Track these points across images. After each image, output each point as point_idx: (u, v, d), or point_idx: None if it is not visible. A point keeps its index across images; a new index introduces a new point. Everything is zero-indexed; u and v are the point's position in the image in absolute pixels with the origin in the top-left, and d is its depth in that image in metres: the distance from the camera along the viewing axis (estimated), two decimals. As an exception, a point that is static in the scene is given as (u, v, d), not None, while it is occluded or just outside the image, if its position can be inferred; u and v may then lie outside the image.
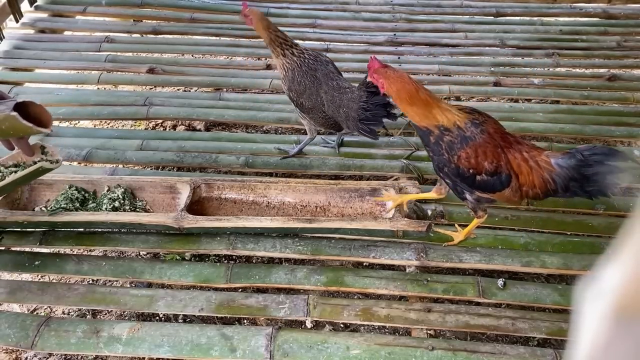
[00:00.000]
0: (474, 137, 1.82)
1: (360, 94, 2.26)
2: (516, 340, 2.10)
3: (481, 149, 1.82)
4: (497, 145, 1.84)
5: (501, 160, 1.84)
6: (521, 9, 4.46)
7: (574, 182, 1.83)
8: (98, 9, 4.20)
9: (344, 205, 2.34)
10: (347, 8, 4.43)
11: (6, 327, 1.84)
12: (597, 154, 1.80)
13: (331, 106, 2.36)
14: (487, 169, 1.83)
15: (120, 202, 2.27)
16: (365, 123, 2.29)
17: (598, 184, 1.81)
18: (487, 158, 1.83)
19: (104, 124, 3.39)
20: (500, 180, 1.85)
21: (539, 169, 1.85)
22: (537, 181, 1.85)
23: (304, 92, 2.38)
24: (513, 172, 1.85)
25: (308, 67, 2.36)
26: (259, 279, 2.05)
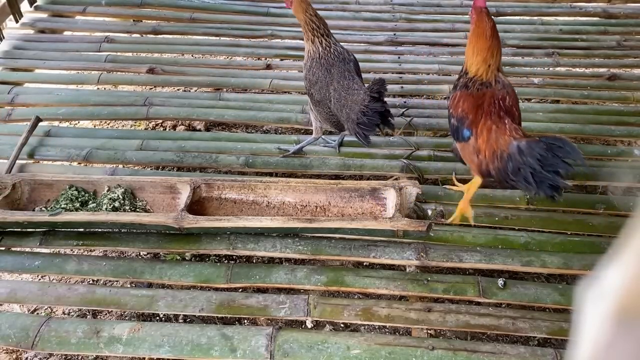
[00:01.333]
0: (469, 88, 2.07)
1: (364, 97, 2.21)
2: (516, 340, 2.10)
3: (464, 97, 2.07)
4: (479, 105, 2.03)
5: (470, 114, 2.03)
6: (521, 9, 4.46)
7: (529, 168, 1.83)
8: (98, 9, 4.19)
9: (344, 205, 2.33)
10: (347, 8, 4.42)
11: (7, 327, 1.84)
12: (561, 147, 1.79)
13: (337, 104, 2.35)
14: (456, 115, 2.09)
15: (120, 202, 2.27)
16: (361, 127, 2.24)
17: (550, 176, 1.81)
18: (462, 106, 2.07)
19: (104, 124, 3.39)
20: (462, 131, 2.07)
21: (494, 143, 1.95)
22: (488, 153, 1.98)
23: (315, 83, 2.39)
24: (475, 133, 2.02)
25: (326, 61, 2.37)
26: (259, 279, 2.05)
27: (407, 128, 2.96)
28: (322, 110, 2.46)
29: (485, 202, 2.43)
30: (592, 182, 2.61)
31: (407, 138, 2.87)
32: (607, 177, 2.61)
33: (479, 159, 2.02)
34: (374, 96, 2.18)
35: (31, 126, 2.72)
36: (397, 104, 3.17)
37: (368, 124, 2.21)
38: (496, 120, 1.98)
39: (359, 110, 2.21)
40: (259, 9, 4.28)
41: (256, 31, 3.99)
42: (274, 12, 4.27)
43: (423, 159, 2.69)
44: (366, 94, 2.21)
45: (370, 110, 2.19)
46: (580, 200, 2.49)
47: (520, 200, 2.43)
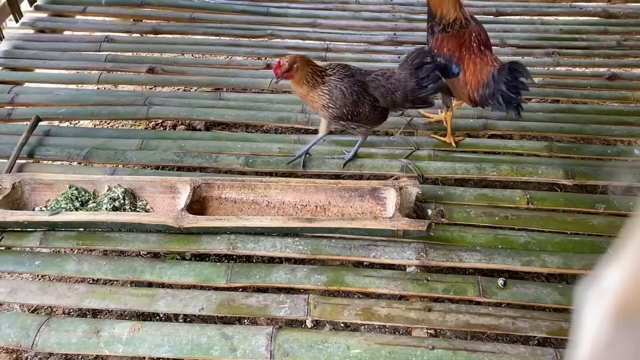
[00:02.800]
0: (448, 31, 2.38)
1: (406, 72, 2.37)
2: (516, 340, 2.10)
3: (447, 38, 2.36)
4: (462, 43, 2.34)
5: (456, 52, 2.35)
6: (521, 8, 4.46)
7: (499, 91, 2.24)
8: (98, 9, 4.19)
9: (344, 204, 2.34)
10: (347, 7, 4.42)
11: (7, 326, 1.84)
12: (518, 70, 2.21)
13: (387, 97, 2.39)
14: (443, 55, 2.37)
15: (120, 202, 2.27)
16: (421, 96, 2.40)
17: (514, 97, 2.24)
18: (447, 45, 2.37)
19: (104, 124, 3.39)
20: (451, 68, 2.38)
21: (479, 74, 2.33)
22: (474, 83, 2.33)
23: (358, 99, 2.34)
24: (463, 68, 2.35)
25: (346, 76, 2.34)
26: (259, 278, 2.05)
27: (407, 127, 2.96)
28: (371, 116, 2.42)
29: (486, 201, 2.43)
30: (592, 182, 2.61)
31: (407, 138, 2.87)
32: (607, 176, 2.61)
33: (467, 89, 2.36)
34: (420, 65, 2.35)
35: (31, 126, 2.72)
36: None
37: (426, 89, 2.38)
38: (479, 54, 2.33)
39: (414, 84, 2.36)
40: (259, 9, 4.28)
41: (256, 31, 3.99)
42: (274, 11, 4.27)
43: (423, 159, 2.69)
44: (406, 68, 2.37)
45: (425, 75, 2.35)
46: (580, 199, 2.49)
47: (520, 200, 2.43)
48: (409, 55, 2.39)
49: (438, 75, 2.38)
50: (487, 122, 2.99)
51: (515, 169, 2.62)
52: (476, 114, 3.07)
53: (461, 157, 2.72)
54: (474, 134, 2.99)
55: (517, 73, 2.21)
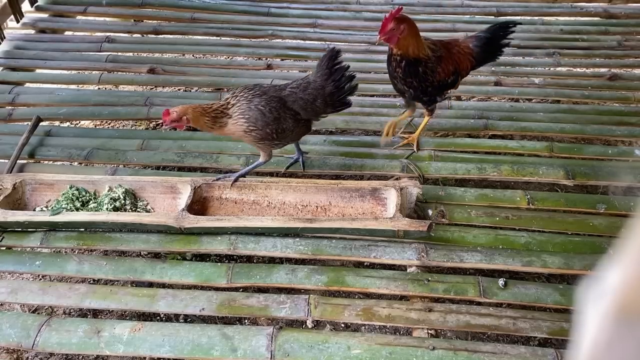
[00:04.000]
0: (440, 53, 2.41)
1: (321, 78, 2.27)
2: (517, 340, 2.10)
3: (445, 59, 2.43)
4: (449, 53, 2.45)
5: (454, 59, 2.47)
6: (522, 9, 4.46)
7: (486, 50, 2.54)
8: (99, 9, 4.20)
9: (344, 205, 2.34)
10: (348, 8, 4.43)
11: (7, 326, 1.85)
12: (494, 30, 2.53)
13: (307, 108, 2.28)
14: (452, 71, 2.47)
15: (121, 202, 2.28)
16: (340, 98, 2.33)
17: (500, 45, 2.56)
18: (450, 64, 2.45)
19: (104, 124, 3.40)
20: (456, 77, 2.51)
21: (465, 56, 2.51)
22: (467, 65, 2.53)
23: (279, 116, 2.21)
24: (458, 67, 2.49)
25: (256, 96, 2.21)
26: (259, 278, 2.05)
27: (408, 128, 2.95)
28: (296, 130, 2.32)
29: (486, 202, 2.43)
30: (593, 182, 2.61)
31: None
32: (608, 177, 2.61)
33: (462, 75, 2.56)
34: (335, 69, 2.27)
35: (32, 126, 2.73)
36: (398, 104, 3.17)
37: (344, 91, 2.31)
38: (454, 47, 2.50)
39: (332, 88, 2.27)
40: (260, 9, 4.28)
41: (257, 31, 3.99)
42: (274, 12, 4.27)
43: (424, 159, 2.69)
44: (321, 74, 2.28)
45: (340, 79, 2.28)
46: (581, 200, 2.49)
47: (521, 200, 2.43)
48: (322, 60, 2.27)
49: (352, 75, 2.31)
50: (488, 122, 2.99)
51: (516, 169, 2.62)
52: (477, 114, 3.07)
53: (462, 158, 2.72)
54: (474, 134, 2.99)
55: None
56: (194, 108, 2.14)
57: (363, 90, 3.34)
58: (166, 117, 2.12)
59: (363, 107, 3.15)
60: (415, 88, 2.42)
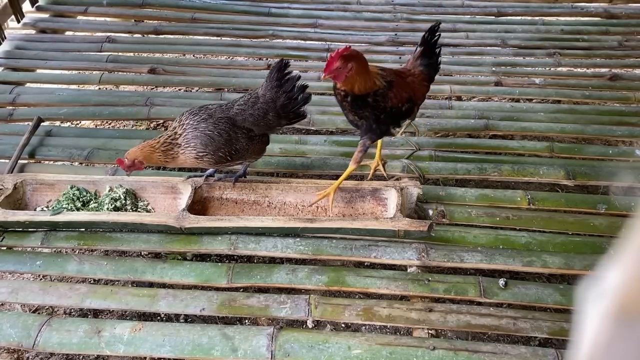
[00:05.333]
0: (391, 79, 2.16)
1: (271, 91, 2.20)
2: (517, 340, 2.10)
3: (397, 85, 2.17)
4: (403, 80, 2.23)
5: (408, 86, 2.24)
6: (522, 9, 4.46)
7: (432, 65, 2.35)
8: (99, 9, 4.20)
9: (345, 205, 2.33)
10: (348, 8, 4.43)
11: (8, 326, 1.85)
12: (428, 37, 2.32)
13: (260, 123, 2.21)
14: (406, 97, 2.21)
15: (122, 202, 2.28)
16: (293, 110, 2.25)
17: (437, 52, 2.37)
18: (404, 91, 2.20)
19: (105, 124, 3.40)
20: (411, 105, 2.25)
21: (420, 83, 2.30)
22: (424, 91, 2.32)
23: (229, 137, 2.14)
24: (413, 94, 2.27)
25: (202, 121, 2.14)
26: (260, 278, 2.05)
27: (408, 128, 2.96)
28: (251, 148, 2.25)
29: (487, 202, 2.43)
30: (594, 182, 2.61)
31: (409, 138, 2.87)
32: (609, 177, 2.61)
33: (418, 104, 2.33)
34: (284, 80, 2.20)
35: (33, 126, 2.73)
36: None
37: (298, 101, 2.23)
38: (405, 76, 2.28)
39: (284, 100, 2.21)
40: (261, 9, 4.28)
41: (257, 31, 3.99)
42: (275, 12, 4.27)
43: (424, 159, 2.69)
44: (270, 88, 2.21)
45: (293, 89, 2.21)
46: (582, 200, 2.49)
47: (521, 201, 2.43)
48: (271, 72, 2.20)
49: (304, 85, 2.24)
50: (488, 122, 2.99)
51: (517, 170, 2.62)
52: (477, 114, 3.07)
53: (462, 158, 2.72)
54: (475, 134, 2.99)
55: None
56: (141, 148, 2.11)
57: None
58: (121, 165, 2.13)
59: (363, 107, 3.15)
60: (367, 118, 2.16)
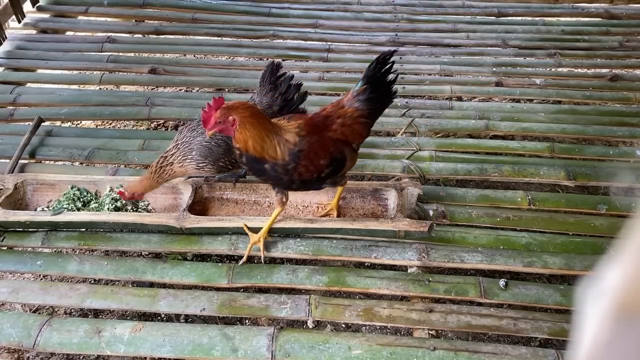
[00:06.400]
0: (302, 146, 1.83)
1: (268, 96, 2.20)
2: (518, 341, 2.10)
3: (311, 153, 1.85)
4: (322, 138, 1.90)
5: (329, 147, 1.91)
6: (523, 9, 4.46)
7: (379, 99, 2.01)
8: (100, 10, 4.21)
9: (345, 205, 2.33)
10: (349, 8, 4.43)
11: (8, 326, 1.85)
12: (374, 68, 1.97)
13: None
14: (326, 164, 1.91)
15: (122, 202, 2.28)
16: (291, 110, 2.24)
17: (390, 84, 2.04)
18: (321, 157, 1.89)
19: (105, 124, 3.40)
20: (339, 163, 1.96)
21: (355, 121, 1.98)
22: (362, 130, 2.01)
23: (227, 147, 2.12)
24: (343, 145, 1.96)
25: (199, 135, 2.14)
26: (260, 279, 2.05)
27: (409, 128, 2.96)
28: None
29: (487, 202, 2.43)
30: (594, 183, 2.61)
31: (409, 138, 2.87)
32: (609, 177, 2.61)
33: (357, 144, 2.05)
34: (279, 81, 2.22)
35: (33, 127, 2.73)
36: (399, 105, 3.17)
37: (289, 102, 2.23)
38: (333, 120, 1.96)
39: (281, 102, 2.22)
40: (261, 10, 4.29)
41: (258, 31, 3.99)
42: (276, 12, 4.27)
43: (424, 160, 2.69)
44: (265, 92, 2.24)
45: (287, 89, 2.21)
46: (582, 200, 2.48)
47: (521, 201, 2.43)
48: (264, 76, 2.21)
49: (299, 83, 2.24)
50: (489, 122, 2.99)
51: (517, 170, 2.62)
52: (478, 115, 3.07)
53: (463, 158, 2.72)
54: (475, 134, 2.99)
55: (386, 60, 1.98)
56: (140, 181, 2.14)
57: (364, 90, 3.34)
58: (122, 197, 2.17)
59: (364, 107, 3.15)
60: (273, 185, 1.98)
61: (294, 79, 2.23)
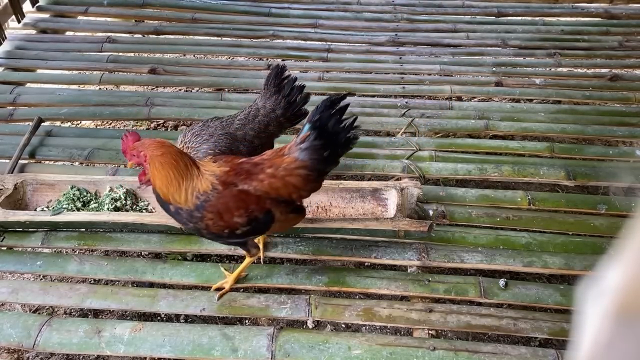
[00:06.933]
0: (208, 197, 1.67)
1: (271, 99, 2.21)
2: (518, 341, 2.10)
3: (223, 206, 1.67)
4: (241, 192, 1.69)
5: (249, 203, 1.69)
6: (523, 9, 4.46)
7: (327, 149, 1.72)
8: (100, 9, 4.20)
9: (345, 205, 2.33)
10: (349, 8, 4.43)
11: (8, 326, 1.85)
12: (322, 111, 1.70)
13: (261, 134, 2.21)
14: (241, 222, 1.70)
15: (122, 203, 2.28)
16: (295, 112, 2.25)
17: (343, 131, 1.75)
18: (233, 213, 1.68)
19: (105, 124, 3.40)
20: (262, 221, 1.73)
21: (290, 173, 1.72)
22: (300, 183, 1.74)
23: (232, 153, 2.10)
24: (274, 203, 1.73)
25: (204, 142, 2.14)
26: (260, 279, 2.06)
27: (409, 128, 2.96)
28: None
29: (487, 202, 2.43)
30: (594, 183, 2.61)
31: (409, 138, 2.87)
32: (609, 177, 2.61)
33: (297, 198, 1.80)
34: (282, 84, 2.20)
35: (33, 127, 2.73)
36: (399, 104, 3.17)
37: (298, 104, 2.23)
38: (262, 170, 1.73)
39: (285, 105, 2.21)
40: (261, 10, 4.29)
41: (258, 31, 3.99)
42: (275, 12, 4.27)
43: (424, 160, 2.69)
44: (269, 96, 2.22)
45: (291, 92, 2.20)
46: (582, 200, 2.49)
47: (521, 201, 2.43)
48: (268, 78, 2.21)
49: (302, 85, 2.24)
50: (489, 122, 2.99)
51: (517, 170, 2.62)
52: (478, 114, 3.07)
53: (463, 158, 2.72)
54: (475, 134, 2.99)
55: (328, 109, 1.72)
56: None
57: (364, 90, 3.35)
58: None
59: (364, 107, 3.15)
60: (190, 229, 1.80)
61: (296, 82, 2.23)
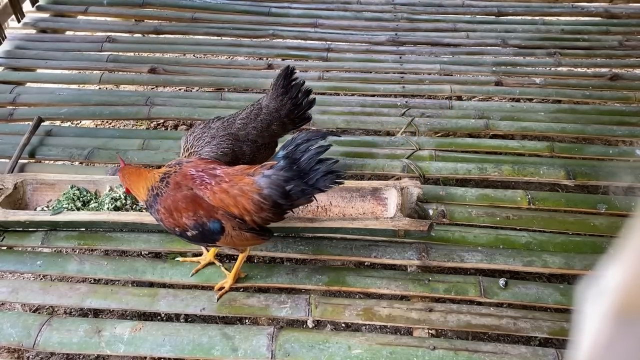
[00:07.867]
0: (161, 192, 1.75)
1: (276, 100, 2.22)
2: (518, 340, 2.10)
3: (172, 202, 1.72)
4: (194, 196, 1.72)
5: (198, 208, 1.71)
6: (523, 9, 4.46)
7: (293, 181, 1.71)
8: (99, 9, 4.20)
9: (345, 205, 2.33)
10: (349, 8, 4.43)
11: (8, 326, 1.85)
12: (299, 144, 1.74)
13: (264, 133, 2.24)
14: (189, 225, 1.72)
15: (122, 202, 2.28)
16: (299, 115, 2.29)
17: (317, 172, 1.75)
18: (182, 212, 1.72)
19: (105, 124, 3.40)
20: (211, 229, 1.73)
21: (244, 194, 1.71)
22: (250, 207, 1.71)
23: (234, 154, 2.14)
24: (226, 217, 1.72)
25: (206, 145, 2.13)
26: (260, 278, 2.06)
27: (409, 128, 2.95)
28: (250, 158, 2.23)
29: (487, 202, 2.43)
30: (594, 182, 2.61)
31: (409, 138, 2.87)
32: (609, 177, 2.61)
33: (250, 221, 1.75)
34: (290, 86, 2.23)
35: (33, 126, 2.73)
36: (399, 104, 3.17)
37: (298, 107, 2.26)
38: (218, 182, 1.74)
39: (290, 107, 2.25)
40: (261, 9, 4.28)
41: (258, 31, 3.99)
42: (275, 12, 4.27)
43: (424, 159, 2.69)
44: (276, 97, 2.23)
45: (298, 96, 2.24)
46: (582, 200, 2.49)
47: (521, 200, 2.43)
48: (277, 80, 2.23)
49: (309, 89, 2.27)
50: (489, 122, 2.99)
51: (517, 169, 2.62)
52: (477, 114, 3.07)
53: (463, 158, 2.72)
54: (475, 134, 2.99)
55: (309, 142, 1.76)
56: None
57: (364, 90, 3.35)
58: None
59: (364, 107, 3.15)
60: None
61: (304, 85, 2.26)
